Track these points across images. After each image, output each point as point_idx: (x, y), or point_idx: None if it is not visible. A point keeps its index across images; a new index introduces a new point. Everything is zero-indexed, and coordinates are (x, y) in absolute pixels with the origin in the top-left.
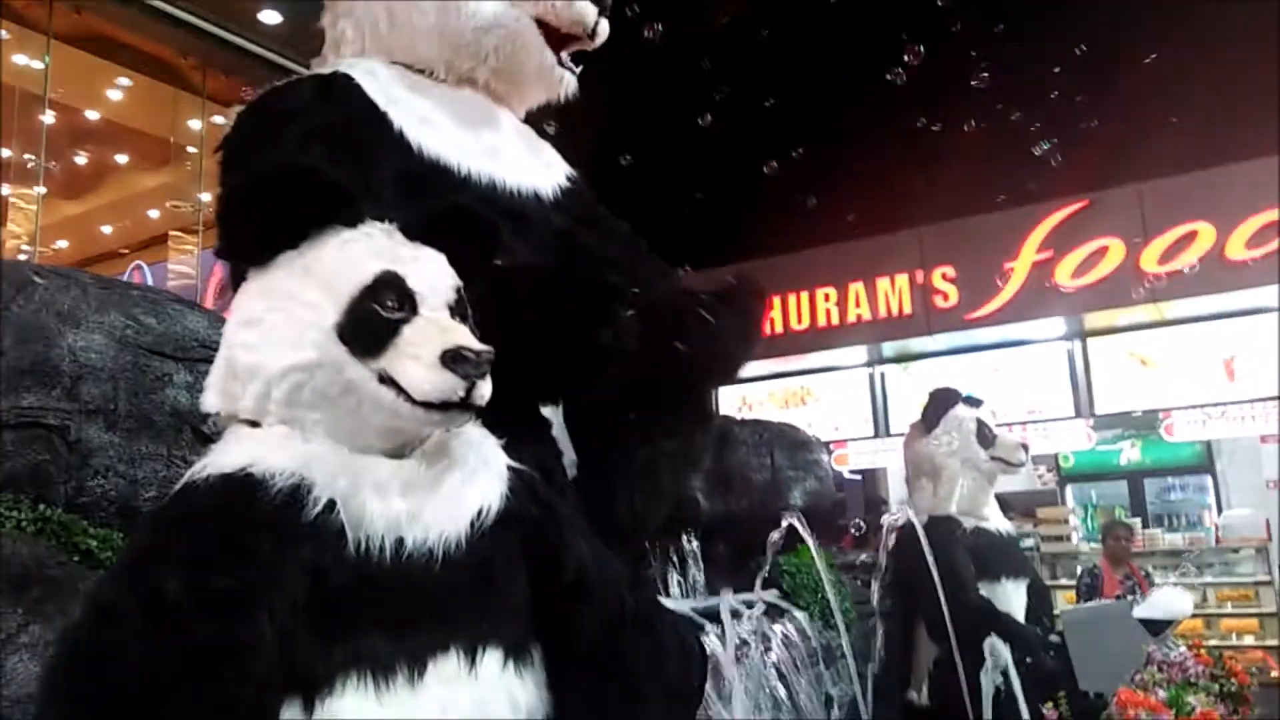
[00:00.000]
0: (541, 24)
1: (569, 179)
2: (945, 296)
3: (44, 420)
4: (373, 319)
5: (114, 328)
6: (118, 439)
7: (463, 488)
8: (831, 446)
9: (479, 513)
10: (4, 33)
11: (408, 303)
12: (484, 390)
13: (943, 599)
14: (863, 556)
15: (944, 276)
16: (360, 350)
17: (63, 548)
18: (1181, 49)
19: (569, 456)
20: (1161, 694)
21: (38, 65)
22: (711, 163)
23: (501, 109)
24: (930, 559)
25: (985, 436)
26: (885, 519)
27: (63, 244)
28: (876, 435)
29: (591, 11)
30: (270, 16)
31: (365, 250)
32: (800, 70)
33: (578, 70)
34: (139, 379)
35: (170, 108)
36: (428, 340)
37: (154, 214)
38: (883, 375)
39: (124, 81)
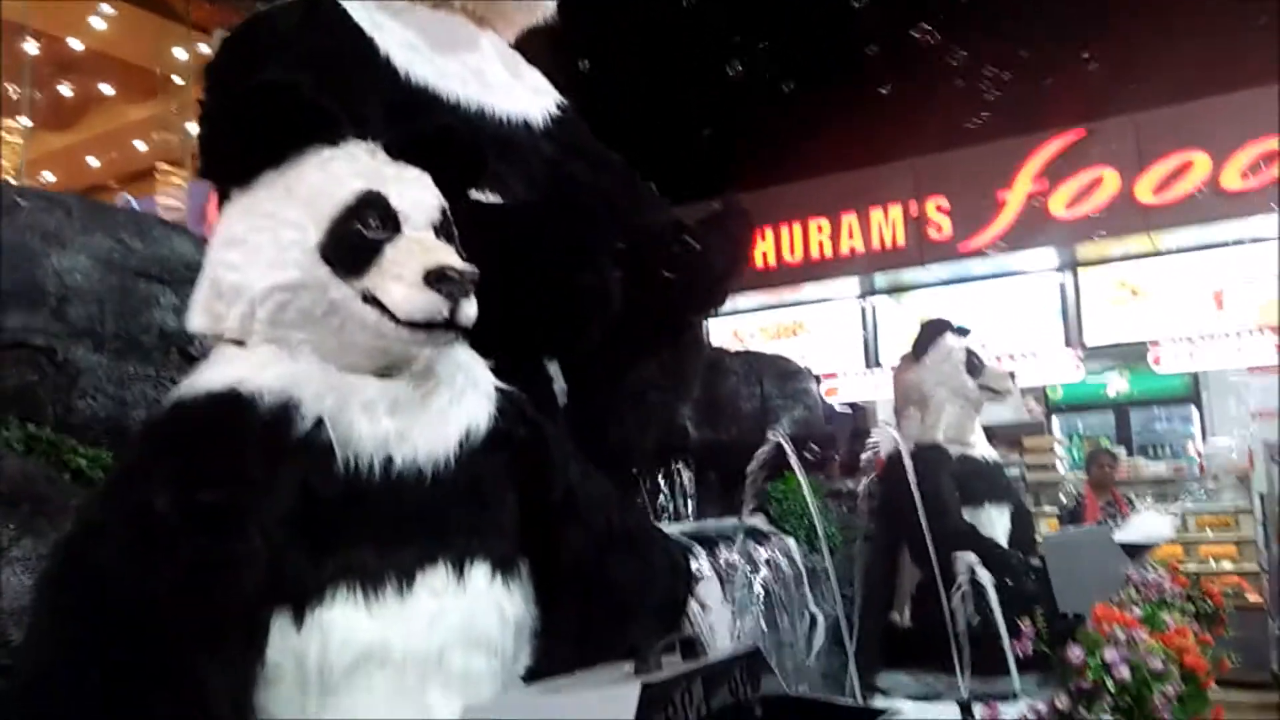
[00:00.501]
0: None
1: (559, 107)
2: (938, 228)
3: (31, 341)
4: (355, 238)
5: (100, 250)
6: (105, 360)
7: (451, 408)
8: (822, 379)
9: (466, 432)
10: None
11: (390, 222)
12: (468, 310)
13: (925, 524)
14: (849, 483)
15: (938, 208)
16: (343, 270)
17: (53, 466)
18: None
19: (559, 384)
20: (1137, 611)
21: None
22: (704, 93)
23: (485, 32)
24: (915, 485)
25: (973, 365)
26: (869, 444)
27: (49, 177)
28: (868, 368)
29: None
30: None
31: (347, 169)
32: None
33: None
34: (126, 301)
35: (155, 37)
36: (411, 259)
37: (141, 146)
38: (874, 307)
39: (106, 9)
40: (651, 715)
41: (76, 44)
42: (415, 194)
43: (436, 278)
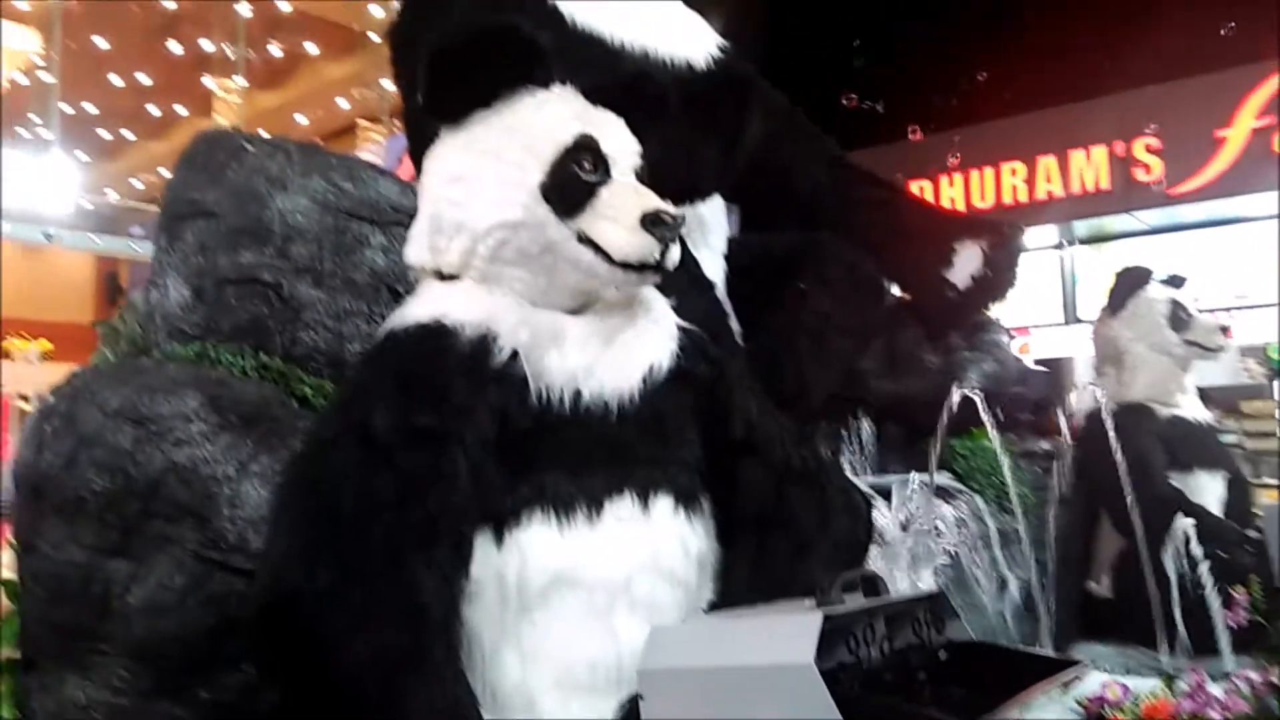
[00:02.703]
0: None
1: (720, 49)
2: (1147, 169)
3: (261, 276)
4: (573, 180)
5: (316, 192)
6: (324, 296)
7: (635, 345)
8: (1015, 333)
9: (650, 369)
10: None
11: (603, 166)
12: (675, 253)
13: (1128, 488)
14: (1043, 443)
15: (1147, 148)
16: (562, 210)
17: (282, 392)
18: None
19: (735, 325)
20: None
21: None
22: (883, 27)
23: None
24: (1116, 446)
25: (1179, 319)
26: (1068, 402)
27: (263, 134)
28: (1066, 322)
29: None
30: None
31: (563, 111)
32: None
33: None
34: (340, 240)
35: None
36: (625, 203)
37: (343, 104)
38: (1073, 257)
39: None
40: (833, 646)
41: (284, 5)
42: (621, 139)
43: (652, 221)
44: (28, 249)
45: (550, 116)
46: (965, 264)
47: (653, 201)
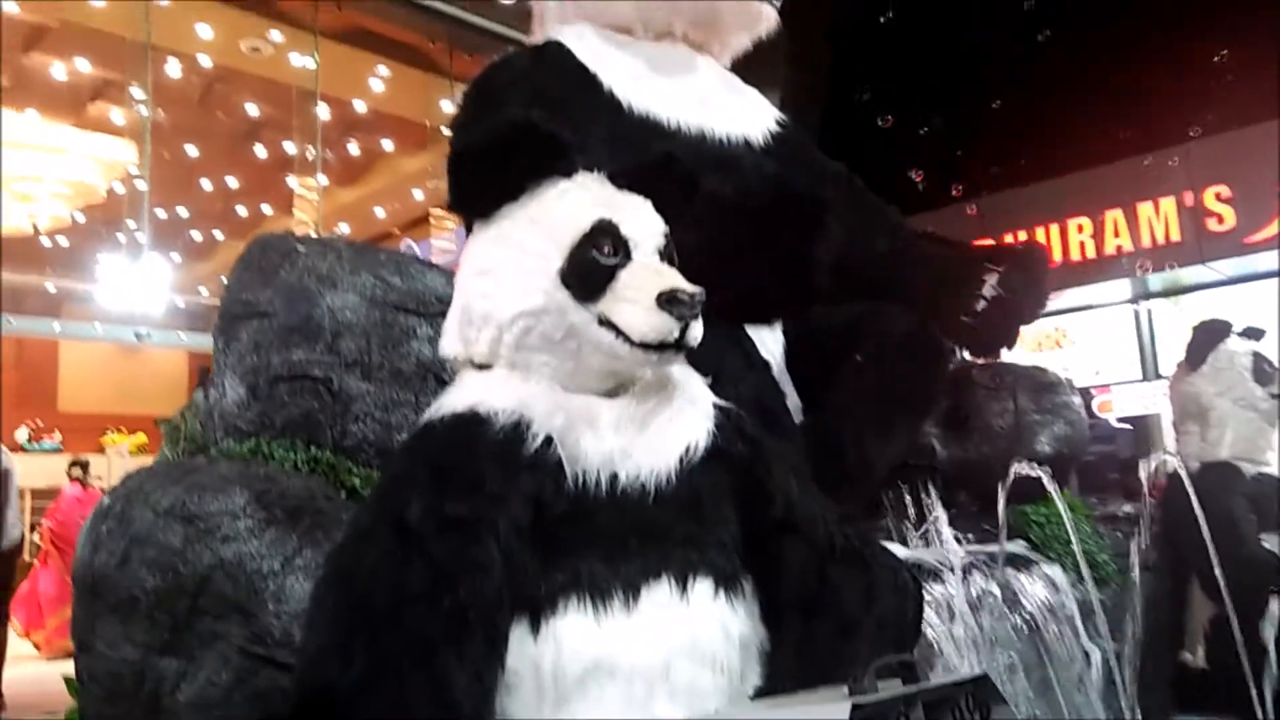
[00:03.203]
0: None
1: (779, 123)
2: (1220, 219)
3: (311, 372)
4: (592, 265)
5: (365, 287)
6: (373, 388)
7: (671, 425)
8: (1094, 392)
9: (687, 449)
10: (280, 35)
11: (622, 248)
12: (696, 331)
13: (1215, 552)
14: (1125, 507)
15: (1218, 197)
16: (581, 295)
17: (331, 485)
18: None
19: (793, 400)
20: None
21: (309, 63)
22: (944, 88)
23: (703, 57)
24: (1200, 509)
25: (1264, 372)
26: (1145, 465)
27: (344, 228)
28: (1145, 378)
29: None
30: None
31: (583, 199)
32: None
33: (776, 4)
34: (388, 333)
35: (424, 92)
36: (644, 284)
37: (418, 194)
38: (1149, 311)
39: (382, 70)
40: None
41: (360, 105)
42: (643, 221)
43: (668, 300)
44: (125, 348)
45: (570, 204)
46: (986, 290)
47: (669, 280)
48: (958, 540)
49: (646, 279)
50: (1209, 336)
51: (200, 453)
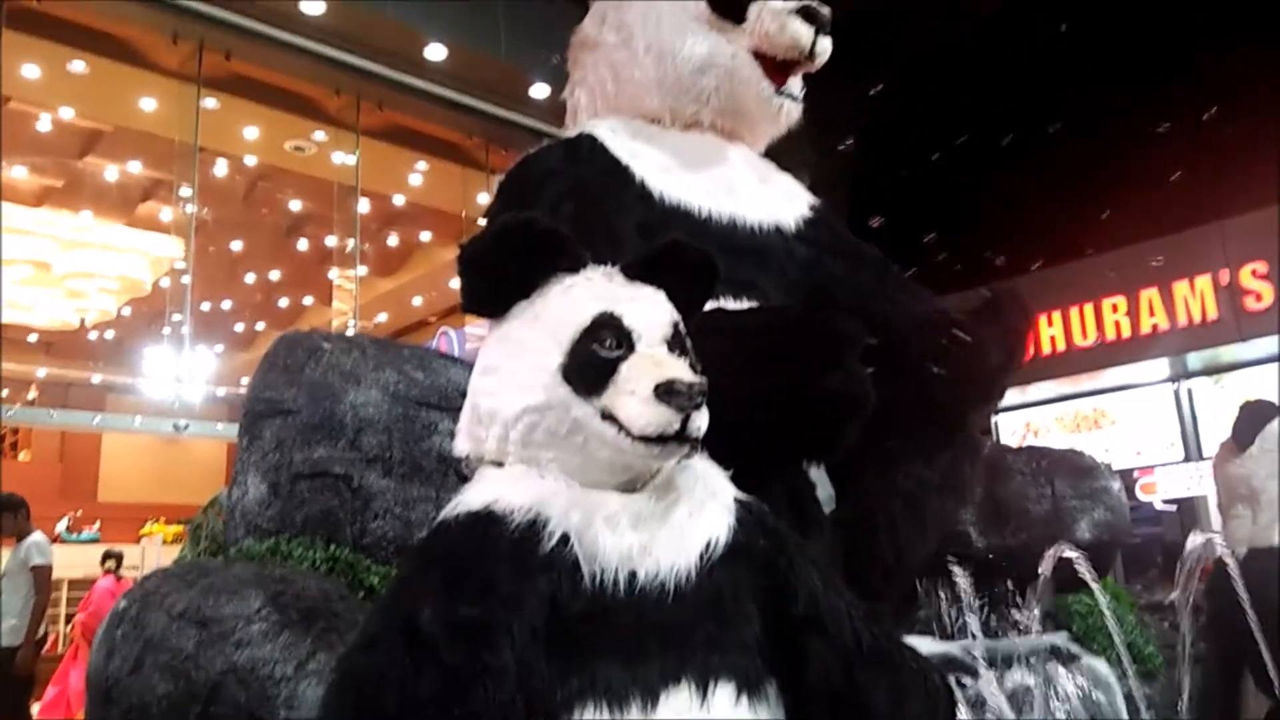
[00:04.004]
0: (758, 54)
1: (812, 208)
2: (1258, 296)
3: (332, 470)
4: (592, 358)
5: (388, 383)
6: (393, 484)
7: (690, 520)
8: (1137, 474)
9: (707, 545)
10: (323, 134)
11: (625, 340)
12: (699, 422)
13: (1265, 644)
14: (1172, 596)
15: (1254, 274)
16: (583, 389)
17: (350, 584)
18: None
19: (825, 491)
20: None
21: (350, 160)
22: (977, 168)
23: (734, 145)
24: (1248, 598)
25: None
26: (1189, 550)
27: (382, 317)
28: (1188, 459)
29: (806, 32)
30: (541, 91)
31: (585, 294)
32: (1074, 52)
33: (799, 98)
34: (410, 429)
35: (461, 185)
36: (642, 375)
37: (455, 284)
38: (1190, 390)
39: (421, 166)
40: None
41: (399, 199)
42: (648, 311)
43: (666, 391)
44: (165, 438)
45: (572, 299)
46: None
47: (667, 370)
48: (996, 633)
49: (646, 370)
50: (1256, 417)
51: (220, 552)
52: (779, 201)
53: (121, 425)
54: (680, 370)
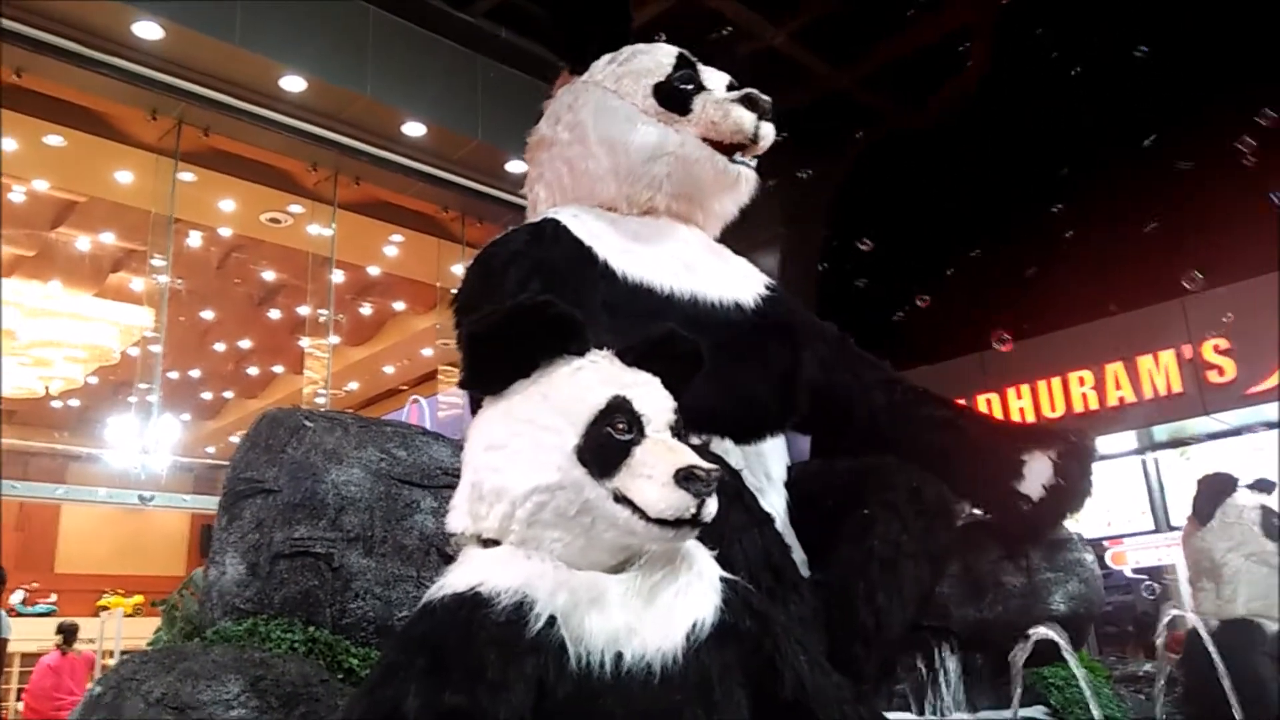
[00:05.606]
0: (706, 141)
1: (768, 287)
2: (1220, 371)
3: (313, 549)
4: (608, 441)
5: (370, 461)
6: (374, 563)
7: (677, 601)
8: (1106, 543)
9: (693, 626)
10: (299, 207)
11: (636, 425)
12: (711, 507)
13: (1243, 715)
14: (1146, 666)
15: (1216, 349)
16: (598, 471)
17: (329, 666)
18: None
19: (799, 555)
20: None
21: (326, 232)
22: (940, 244)
23: (690, 228)
24: (1224, 669)
25: (1273, 526)
26: (1161, 622)
27: (353, 385)
28: (1158, 530)
29: (749, 119)
30: (517, 166)
31: (596, 377)
32: (1040, 133)
33: (753, 165)
34: (391, 507)
35: (435, 257)
36: (660, 460)
37: (427, 352)
38: (1157, 461)
39: (396, 238)
40: None
41: (374, 269)
42: (654, 398)
43: (686, 476)
44: (127, 509)
45: (583, 382)
46: (1036, 476)
47: (686, 457)
48: (974, 707)
49: (662, 455)
50: (1215, 490)
51: (197, 634)
52: (737, 280)
53: (85, 497)
54: (695, 456)
